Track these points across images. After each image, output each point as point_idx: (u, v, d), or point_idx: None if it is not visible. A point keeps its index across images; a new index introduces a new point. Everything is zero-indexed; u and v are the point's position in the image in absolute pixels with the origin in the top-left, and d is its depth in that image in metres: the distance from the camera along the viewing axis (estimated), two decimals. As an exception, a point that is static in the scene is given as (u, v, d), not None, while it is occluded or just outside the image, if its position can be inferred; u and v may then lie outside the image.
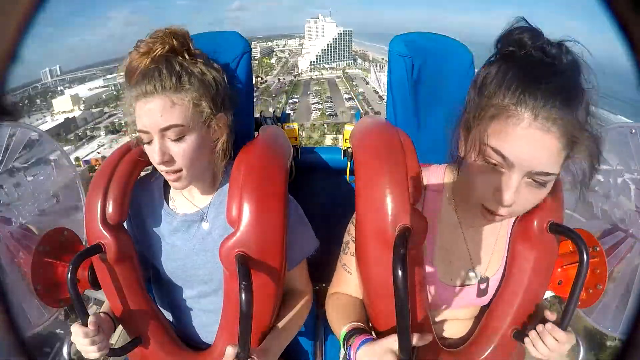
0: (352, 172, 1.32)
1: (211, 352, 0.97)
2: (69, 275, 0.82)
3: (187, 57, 0.90)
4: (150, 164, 1.03)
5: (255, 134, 1.16)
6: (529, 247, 0.84)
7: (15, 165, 1.14)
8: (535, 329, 0.80)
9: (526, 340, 0.81)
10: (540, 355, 0.79)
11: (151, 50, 0.86)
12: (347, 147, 1.35)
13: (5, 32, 0.32)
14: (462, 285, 0.89)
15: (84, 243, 1.11)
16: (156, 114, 0.83)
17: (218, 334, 0.96)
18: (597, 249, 1.02)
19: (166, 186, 1.02)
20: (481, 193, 0.73)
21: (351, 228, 0.93)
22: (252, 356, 0.81)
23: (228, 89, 0.97)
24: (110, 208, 0.90)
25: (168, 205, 1.00)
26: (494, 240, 0.90)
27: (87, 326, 0.82)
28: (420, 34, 1.13)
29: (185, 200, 1.00)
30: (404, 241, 0.69)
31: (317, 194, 1.40)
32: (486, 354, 0.88)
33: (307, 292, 1.06)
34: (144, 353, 0.96)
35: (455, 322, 0.94)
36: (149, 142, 0.86)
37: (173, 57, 0.87)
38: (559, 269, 0.96)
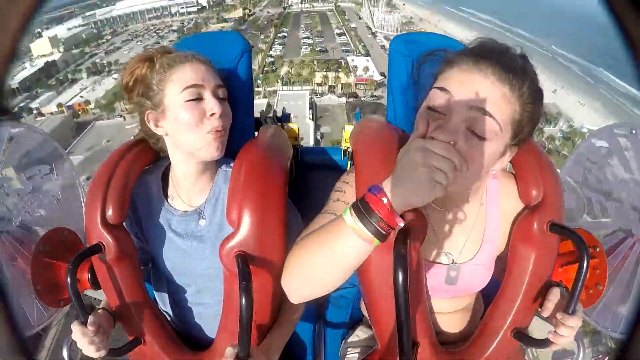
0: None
1: (211, 351, 0.97)
2: (69, 275, 0.82)
3: None
4: (149, 163, 1.03)
5: (255, 133, 1.16)
6: (529, 247, 0.84)
7: (15, 165, 1.14)
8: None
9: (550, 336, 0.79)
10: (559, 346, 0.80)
11: (151, 56, 0.94)
12: (347, 147, 1.35)
13: (5, 32, 0.32)
14: (430, 261, 0.87)
15: (84, 243, 1.11)
16: (210, 74, 0.93)
17: (218, 334, 0.96)
18: (597, 249, 1.02)
19: (164, 184, 1.03)
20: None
21: (339, 185, 0.90)
22: (253, 355, 0.81)
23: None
24: (110, 208, 0.90)
25: (167, 202, 1.01)
26: (468, 227, 0.88)
27: (86, 326, 0.83)
28: (420, 34, 1.13)
29: (183, 198, 1.00)
30: (405, 241, 0.69)
31: (317, 193, 1.40)
32: (486, 354, 0.88)
33: None
34: (144, 353, 0.96)
35: (442, 315, 0.94)
36: (198, 99, 0.90)
37: None
38: (559, 269, 0.96)
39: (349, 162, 1.34)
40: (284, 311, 0.98)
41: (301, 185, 1.28)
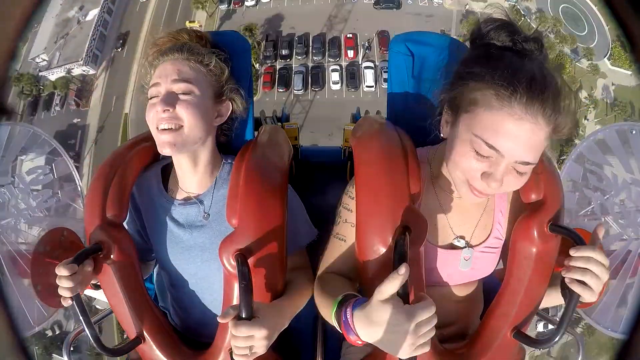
0: (352, 172, 1.32)
1: (211, 351, 0.96)
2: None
3: (208, 46, 1.01)
4: (149, 163, 1.03)
5: (255, 133, 1.16)
6: (529, 246, 0.84)
7: (14, 164, 1.14)
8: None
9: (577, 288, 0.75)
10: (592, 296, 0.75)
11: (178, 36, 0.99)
12: (347, 147, 1.35)
13: (5, 32, 0.32)
14: (444, 247, 0.89)
15: (84, 243, 1.11)
16: (175, 67, 0.91)
17: (218, 334, 0.95)
18: (597, 249, 1.02)
19: (164, 176, 1.03)
20: (469, 175, 0.76)
21: (346, 200, 0.92)
22: (256, 315, 0.77)
23: (239, 90, 1.02)
24: (110, 208, 0.90)
25: (167, 193, 1.01)
26: (478, 212, 0.90)
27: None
28: (420, 33, 1.12)
29: (183, 188, 1.00)
30: (405, 241, 0.69)
31: (316, 193, 1.40)
32: (486, 354, 0.88)
33: (309, 272, 1.02)
34: (143, 352, 0.96)
35: (445, 304, 0.92)
36: (157, 96, 0.89)
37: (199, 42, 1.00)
38: (559, 269, 0.96)
39: (349, 162, 1.34)
40: (295, 286, 0.95)
41: (301, 184, 1.28)
